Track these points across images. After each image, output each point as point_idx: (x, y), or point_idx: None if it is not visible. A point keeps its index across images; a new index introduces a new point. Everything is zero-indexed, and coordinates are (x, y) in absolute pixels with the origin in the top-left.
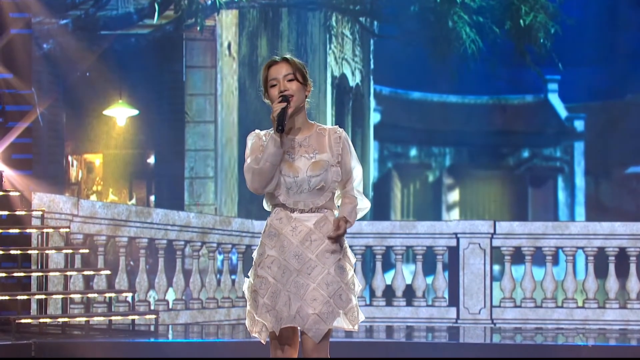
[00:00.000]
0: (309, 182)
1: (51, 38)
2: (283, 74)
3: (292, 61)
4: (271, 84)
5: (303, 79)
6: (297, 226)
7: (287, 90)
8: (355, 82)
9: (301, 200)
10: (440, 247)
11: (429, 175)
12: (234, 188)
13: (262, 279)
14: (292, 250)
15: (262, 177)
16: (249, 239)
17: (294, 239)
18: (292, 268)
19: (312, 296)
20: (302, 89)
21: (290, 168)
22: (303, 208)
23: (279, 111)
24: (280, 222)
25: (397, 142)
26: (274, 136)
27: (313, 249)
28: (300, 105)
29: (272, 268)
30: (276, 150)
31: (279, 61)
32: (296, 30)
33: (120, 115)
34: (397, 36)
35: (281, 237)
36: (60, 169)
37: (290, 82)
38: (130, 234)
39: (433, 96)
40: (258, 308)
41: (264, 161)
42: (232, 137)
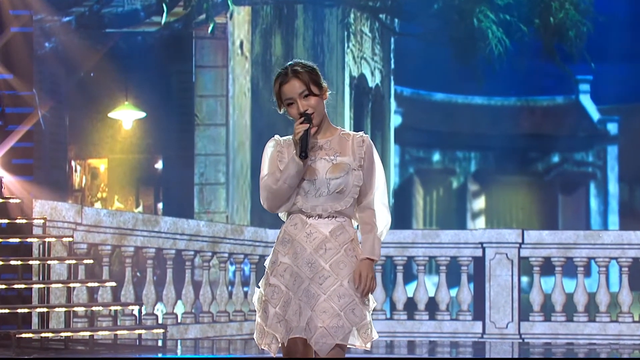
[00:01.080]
0: (328, 184)
1: (53, 36)
2: (298, 93)
3: (302, 75)
4: (287, 102)
5: (319, 89)
6: (312, 232)
7: (307, 109)
8: (375, 82)
9: (319, 205)
10: (465, 257)
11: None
12: (247, 195)
13: (274, 287)
14: (306, 257)
15: (278, 197)
16: (262, 248)
17: (308, 245)
18: (304, 276)
19: (322, 308)
20: (320, 100)
21: (309, 170)
22: (320, 213)
23: (301, 133)
24: (295, 227)
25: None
26: (295, 159)
27: (327, 258)
28: (323, 114)
29: (285, 276)
30: (296, 173)
31: (289, 78)
32: (312, 27)
33: (126, 117)
34: (419, 34)
35: (295, 243)
36: (62, 175)
37: (307, 98)
38: (137, 244)
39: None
40: (268, 319)
41: (282, 182)
42: (244, 140)
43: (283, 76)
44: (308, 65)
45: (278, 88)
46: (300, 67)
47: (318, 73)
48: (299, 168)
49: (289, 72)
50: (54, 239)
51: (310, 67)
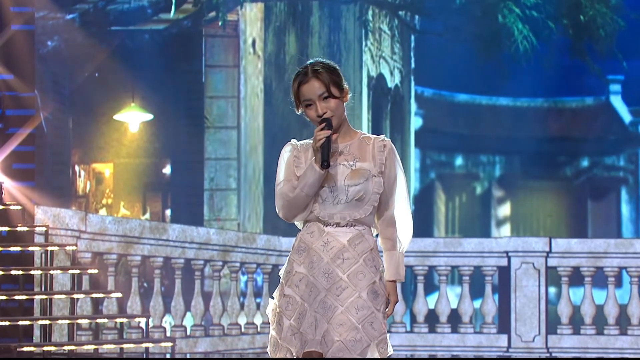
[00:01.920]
0: (347, 191)
1: (56, 35)
2: (317, 94)
3: (322, 75)
4: (306, 104)
5: (339, 91)
6: (330, 241)
7: (326, 112)
8: (394, 83)
9: (337, 213)
10: (490, 267)
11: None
12: (259, 201)
13: (289, 298)
14: (322, 267)
15: (295, 206)
16: (276, 258)
17: (324, 254)
18: (321, 286)
19: (339, 320)
20: (340, 102)
21: (327, 176)
22: (338, 221)
23: (323, 141)
24: (311, 236)
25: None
26: (315, 167)
27: (345, 268)
28: (341, 119)
29: (300, 286)
30: (315, 181)
31: (309, 78)
32: (328, 25)
33: (133, 120)
34: (441, 32)
35: (311, 252)
36: (66, 180)
37: (326, 100)
38: (144, 253)
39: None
40: (283, 331)
41: (299, 190)
42: (257, 144)
43: (302, 76)
44: (329, 66)
45: (297, 88)
46: (321, 67)
47: (340, 74)
48: (318, 176)
49: (309, 72)
50: (56, 247)
51: (332, 67)
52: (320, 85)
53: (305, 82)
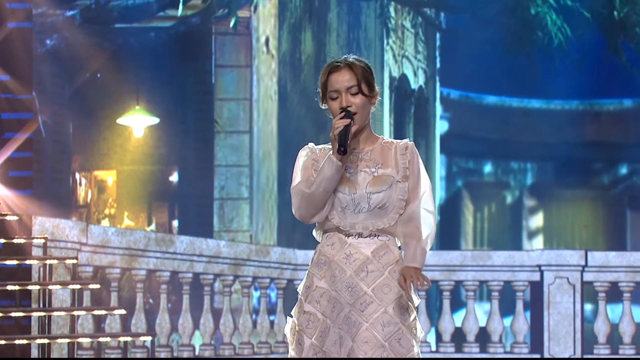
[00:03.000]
0: (369, 199)
1: (55, 33)
2: (346, 86)
3: (357, 68)
4: (331, 95)
5: (369, 90)
6: (352, 253)
7: (351, 106)
8: (418, 84)
9: (359, 222)
10: (521, 282)
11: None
12: (273, 211)
13: (310, 315)
14: (345, 280)
15: (312, 204)
16: (291, 272)
17: (347, 267)
18: (344, 301)
19: (363, 338)
20: (367, 102)
21: (347, 183)
22: (361, 232)
23: (341, 129)
24: (332, 248)
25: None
26: (332, 157)
27: (369, 281)
28: (365, 121)
29: (322, 302)
30: (333, 174)
31: (341, 67)
32: (347, 22)
33: (138, 124)
34: (468, 30)
35: (332, 265)
36: (66, 189)
37: (354, 95)
38: (150, 266)
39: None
40: (304, 351)
41: (316, 185)
42: (270, 150)
43: (335, 65)
44: (366, 63)
45: (326, 78)
46: (357, 61)
47: (373, 74)
48: (336, 168)
49: (343, 62)
50: (55, 260)
51: (368, 65)
52: (352, 77)
53: (337, 70)
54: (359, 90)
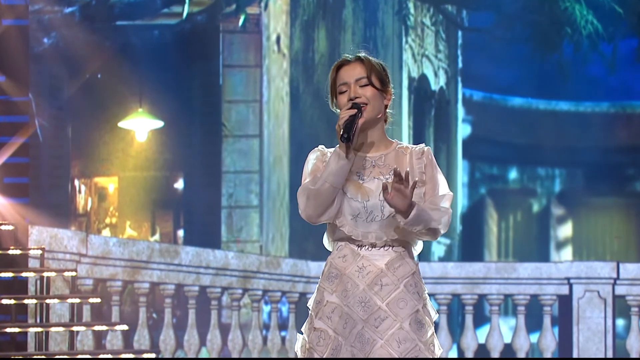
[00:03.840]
0: (382, 208)
1: (53, 31)
2: (355, 78)
3: (368, 61)
4: (340, 89)
5: (381, 84)
6: (365, 266)
7: (359, 98)
8: (439, 85)
9: (372, 232)
10: (548, 295)
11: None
12: (284, 220)
13: (321, 332)
14: (358, 295)
15: (319, 201)
16: (303, 285)
17: (360, 281)
18: (357, 317)
19: (378, 355)
20: (378, 96)
21: (359, 191)
22: (374, 242)
23: (346, 118)
24: (343, 260)
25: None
26: (337, 149)
27: (383, 295)
28: (376, 117)
29: (333, 318)
30: (339, 168)
31: (351, 61)
32: (363, 19)
33: (141, 128)
34: (492, 28)
35: (344, 278)
36: (64, 197)
37: (363, 87)
38: (153, 279)
39: (539, 103)
40: None
41: (322, 181)
42: (281, 155)
43: (344, 60)
44: (378, 60)
45: (335, 74)
46: (368, 55)
47: (387, 71)
48: (341, 158)
49: (352, 57)
50: (53, 273)
51: (380, 62)
52: (362, 69)
53: (346, 64)
54: (369, 82)
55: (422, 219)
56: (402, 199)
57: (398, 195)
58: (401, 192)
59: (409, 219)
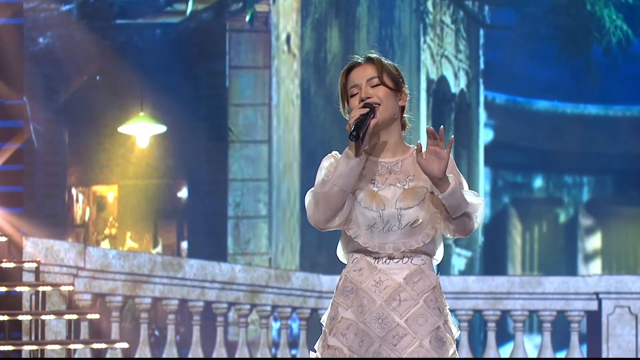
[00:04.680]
0: (399, 216)
1: (49, 30)
2: (366, 78)
3: (378, 61)
4: (351, 92)
5: (394, 84)
6: (382, 280)
7: (371, 98)
8: (459, 87)
9: (389, 243)
10: (576, 311)
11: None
12: (295, 231)
13: (335, 350)
14: (375, 311)
15: (327, 205)
16: (315, 300)
17: (377, 296)
18: (374, 334)
19: None
20: (392, 96)
21: (374, 199)
22: (391, 253)
23: (357, 117)
24: (359, 273)
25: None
26: (347, 150)
27: (402, 311)
28: (391, 118)
29: (348, 335)
30: (349, 169)
31: (360, 62)
32: (378, 17)
33: (142, 133)
34: (516, 26)
35: (360, 293)
36: (60, 206)
37: (375, 87)
38: (155, 294)
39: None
40: None
41: (331, 184)
42: (292, 162)
43: (353, 63)
44: (389, 61)
45: (345, 77)
46: (378, 55)
47: (400, 72)
48: (352, 162)
49: (362, 59)
50: (49, 287)
51: (392, 63)
52: (373, 69)
53: (356, 66)
54: (381, 82)
55: (459, 197)
56: (438, 162)
57: (433, 159)
58: (437, 154)
59: (448, 190)
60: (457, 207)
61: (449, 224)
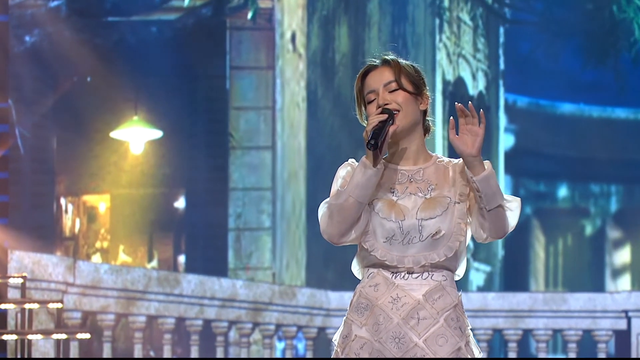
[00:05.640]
0: (421, 227)
1: (36, 27)
2: (383, 83)
3: (395, 62)
4: (368, 98)
5: (414, 87)
6: (400, 296)
7: (390, 104)
8: (478, 89)
9: (408, 256)
10: (604, 330)
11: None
12: (301, 244)
13: None
14: (391, 330)
15: (342, 217)
16: (322, 318)
17: (394, 314)
18: (390, 355)
19: None
20: (412, 101)
21: (393, 209)
22: (411, 267)
23: (375, 124)
24: (375, 289)
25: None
26: (364, 159)
27: (420, 330)
28: (412, 124)
29: (362, 355)
30: (366, 180)
31: (377, 66)
32: (391, 14)
33: (136, 138)
34: (538, 22)
35: (375, 310)
36: (49, 217)
37: (393, 92)
38: (150, 312)
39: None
40: None
41: (346, 195)
42: (297, 170)
43: (370, 66)
44: (409, 62)
45: (361, 82)
46: (396, 57)
47: (421, 74)
48: (369, 172)
49: (379, 61)
50: (36, 304)
51: (411, 64)
52: (390, 72)
53: (372, 70)
54: (399, 87)
55: (494, 185)
56: (472, 139)
57: (467, 135)
58: (470, 130)
59: (483, 174)
60: (492, 197)
61: (484, 220)
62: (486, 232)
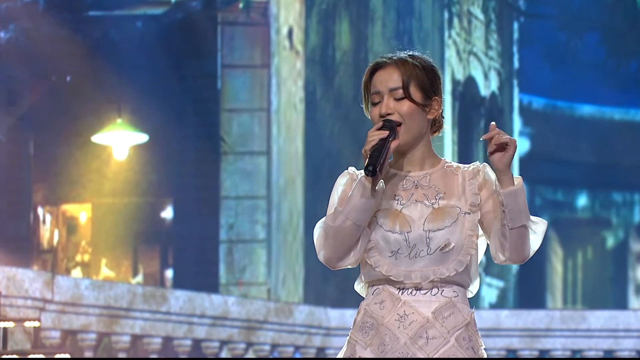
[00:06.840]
0: (428, 240)
1: (12, 23)
2: (389, 87)
3: (406, 66)
4: (373, 100)
5: (423, 97)
6: (407, 314)
7: (392, 115)
8: (490, 89)
9: (416, 271)
10: (626, 351)
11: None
12: (298, 257)
13: None
14: (398, 350)
15: (339, 241)
16: (322, 338)
17: (400, 333)
18: None
19: None
20: (417, 113)
21: (397, 219)
22: (418, 283)
23: (374, 142)
24: (381, 307)
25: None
26: (363, 180)
27: (429, 351)
28: (418, 136)
29: None
30: (364, 203)
31: (388, 64)
32: (395, 8)
33: (120, 143)
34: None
35: (381, 329)
36: (25, 228)
37: (399, 101)
38: (135, 330)
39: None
40: None
41: (343, 217)
42: (294, 176)
43: (380, 62)
44: (425, 61)
45: (368, 78)
46: (410, 57)
47: (436, 78)
48: (366, 192)
49: (390, 59)
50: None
51: (427, 65)
52: (399, 77)
53: (382, 67)
54: (405, 95)
55: (522, 203)
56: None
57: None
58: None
59: (511, 189)
60: (517, 214)
61: (504, 240)
62: (506, 254)
